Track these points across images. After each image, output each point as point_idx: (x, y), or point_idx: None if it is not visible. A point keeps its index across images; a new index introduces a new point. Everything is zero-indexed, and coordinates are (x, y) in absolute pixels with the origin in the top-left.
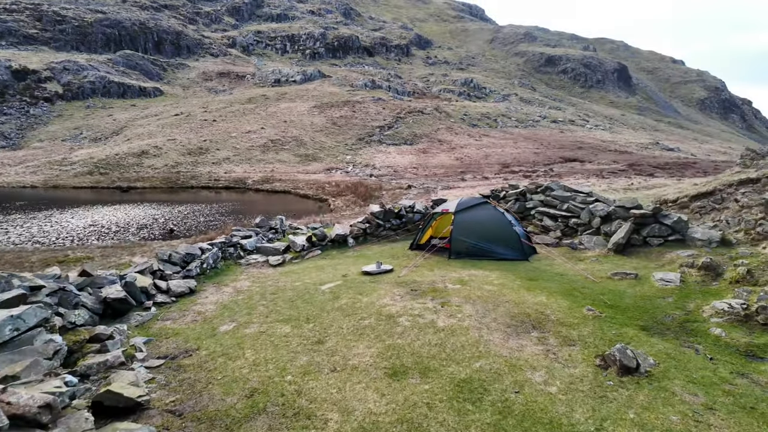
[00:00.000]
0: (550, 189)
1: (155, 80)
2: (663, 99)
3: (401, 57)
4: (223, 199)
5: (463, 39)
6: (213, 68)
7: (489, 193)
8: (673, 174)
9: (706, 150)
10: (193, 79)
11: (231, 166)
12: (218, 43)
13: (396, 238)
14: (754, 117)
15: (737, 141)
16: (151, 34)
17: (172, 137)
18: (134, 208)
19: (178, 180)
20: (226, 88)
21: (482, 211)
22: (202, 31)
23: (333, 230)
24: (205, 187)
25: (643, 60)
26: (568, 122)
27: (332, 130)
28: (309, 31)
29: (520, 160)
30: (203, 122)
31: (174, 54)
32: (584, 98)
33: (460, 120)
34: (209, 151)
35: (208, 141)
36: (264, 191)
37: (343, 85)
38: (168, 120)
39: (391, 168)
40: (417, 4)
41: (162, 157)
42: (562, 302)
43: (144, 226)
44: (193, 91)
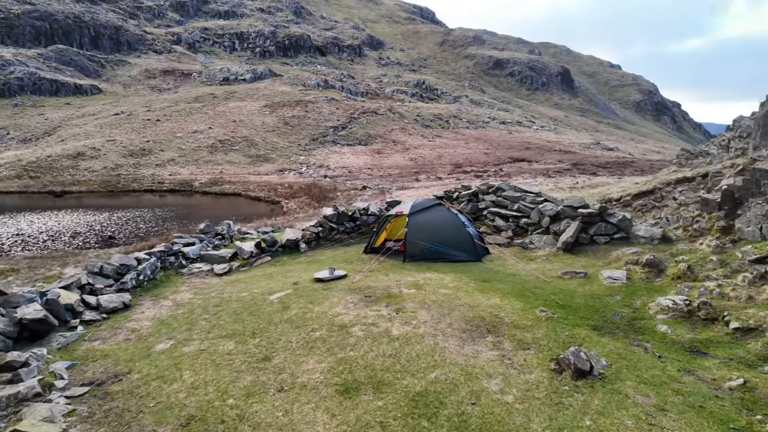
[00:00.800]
0: (501, 189)
1: (93, 77)
2: (603, 101)
3: (354, 57)
4: (168, 203)
5: (415, 41)
6: (157, 66)
7: (442, 194)
8: (614, 173)
9: (642, 149)
10: (135, 77)
11: (176, 168)
12: (162, 40)
13: (350, 241)
14: (683, 119)
15: (669, 141)
16: (87, 29)
17: (112, 138)
18: (68, 215)
19: (118, 183)
20: (171, 86)
21: (436, 213)
22: (144, 27)
23: (284, 235)
24: (149, 191)
25: (584, 64)
26: (516, 123)
27: (284, 130)
28: (259, 29)
29: (471, 161)
30: (146, 122)
31: (113, 50)
32: (530, 100)
33: (414, 121)
34: (153, 153)
35: (151, 142)
36: (212, 194)
37: (295, 84)
38: (107, 120)
39: (345, 168)
40: (368, 5)
41: (100, 159)
42: (516, 304)
43: (78, 234)
44: (135, 89)
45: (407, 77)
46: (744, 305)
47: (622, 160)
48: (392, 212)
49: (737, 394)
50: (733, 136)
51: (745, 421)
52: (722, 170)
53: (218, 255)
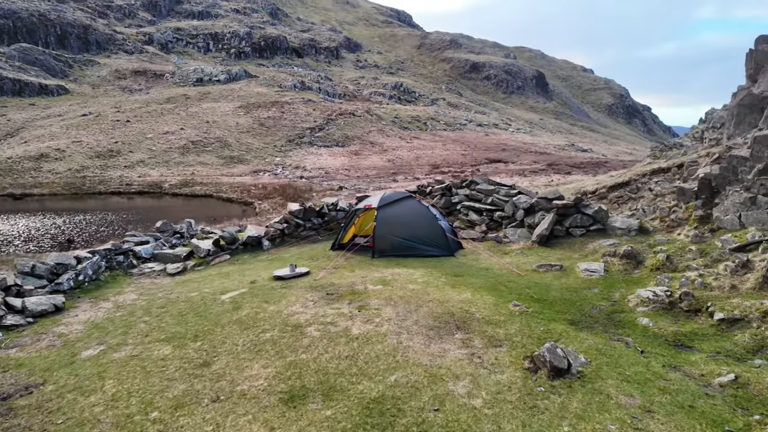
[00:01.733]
0: (474, 183)
1: (59, 77)
2: (576, 105)
3: (331, 59)
4: (135, 206)
5: (392, 44)
6: (127, 66)
7: (415, 188)
8: (588, 172)
9: (615, 151)
10: (105, 77)
11: (146, 170)
12: (133, 40)
13: (317, 238)
14: (653, 122)
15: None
16: (53, 27)
17: (78, 139)
18: (25, 218)
19: (83, 186)
20: (143, 87)
21: (406, 207)
22: (114, 26)
23: (246, 232)
24: (116, 193)
25: (557, 68)
26: (493, 126)
27: (260, 131)
28: (234, 29)
29: (449, 161)
30: (115, 123)
31: (81, 50)
32: (506, 103)
33: (392, 123)
34: (121, 154)
35: (120, 143)
36: (183, 195)
37: (271, 85)
38: (74, 120)
39: (322, 170)
40: (345, 8)
41: (65, 160)
42: (488, 298)
43: (33, 238)
44: (104, 89)
45: (385, 80)
46: (727, 295)
47: (596, 160)
48: (360, 206)
49: (729, 391)
50: (706, 128)
51: (742, 422)
52: (698, 159)
53: (172, 254)
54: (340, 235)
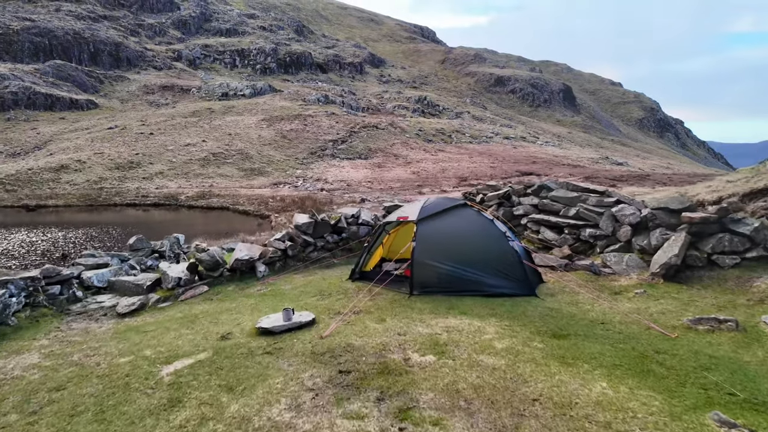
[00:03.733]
0: (546, 188)
1: (90, 93)
2: (605, 118)
3: (355, 74)
4: (146, 219)
5: (416, 59)
6: (155, 81)
7: (460, 197)
8: (634, 184)
9: (651, 165)
10: (133, 92)
11: (164, 181)
12: (162, 56)
13: (332, 261)
14: (687, 136)
15: (674, 158)
16: (87, 45)
17: (100, 151)
18: (26, 231)
19: (99, 197)
20: (169, 101)
21: (460, 220)
22: (144, 44)
23: (233, 254)
24: (131, 205)
25: (585, 82)
26: (520, 139)
27: (282, 143)
28: (260, 46)
29: (477, 174)
30: (139, 135)
31: (113, 66)
32: (533, 117)
33: (416, 135)
34: (141, 166)
35: (140, 154)
36: (198, 208)
37: (295, 99)
38: (100, 133)
39: (344, 182)
40: (370, 25)
41: (84, 171)
42: (646, 395)
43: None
44: (132, 104)
45: (408, 93)
46: None
47: (637, 173)
48: (391, 219)
49: None
50: None
51: None
52: None
53: (133, 283)
54: (363, 259)
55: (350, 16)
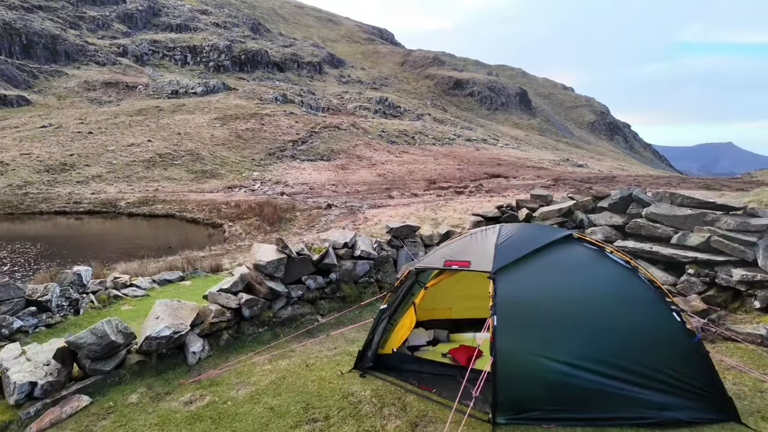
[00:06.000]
0: (637, 202)
1: (22, 88)
2: (559, 121)
3: (314, 74)
4: (76, 230)
5: (375, 60)
6: (98, 77)
7: (495, 212)
8: (606, 187)
9: (608, 166)
10: (72, 89)
11: (102, 185)
12: (106, 51)
13: (317, 321)
14: (634, 139)
15: (625, 159)
16: (19, 37)
17: (28, 151)
18: None
19: (22, 204)
20: (113, 99)
21: (568, 265)
22: (86, 37)
23: (146, 326)
24: (61, 212)
25: (539, 86)
26: (481, 141)
27: (237, 143)
28: (213, 42)
29: (445, 176)
30: (75, 135)
31: (49, 60)
32: (491, 120)
33: (378, 136)
34: (75, 168)
35: (75, 155)
36: (140, 216)
37: (251, 98)
38: (30, 132)
39: (306, 185)
40: (328, 25)
41: (6, 175)
42: None
43: None
44: (70, 101)
45: (369, 94)
46: None
47: (603, 175)
48: (431, 263)
49: None
50: None
51: None
52: None
53: None
54: (379, 331)
55: (308, 16)
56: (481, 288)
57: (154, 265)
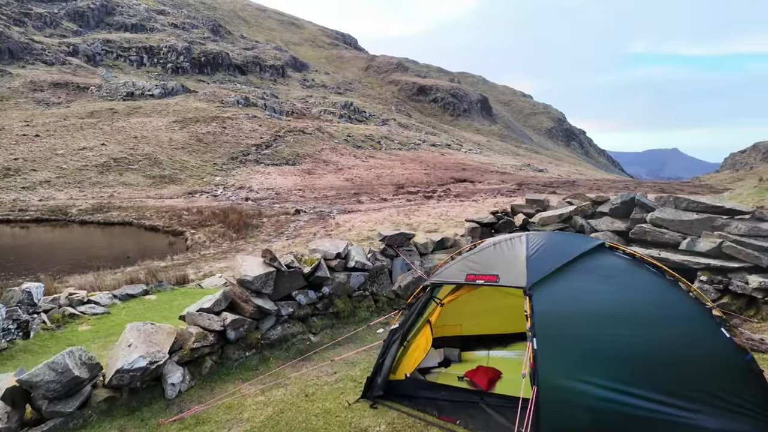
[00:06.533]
0: (640, 206)
1: None
2: (519, 128)
3: (277, 78)
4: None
5: (339, 65)
6: (45, 77)
7: (490, 218)
8: (570, 191)
9: (566, 171)
10: (16, 89)
11: (51, 192)
12: (54, 50)
13: (310, 340)
14: (589, 144)
15: (581, 164)
16: None
17: None
18: None
19: None
20: (62, 100)
21: (605, 277)
22: (32, 35)
23: (118, 351)
24: (4, 221)
25: (499, 93)
26: (446, 146)
27: (197, 147)
28: (171, 44)
29: (413, 181)
30: (20, 138)
31: None
32: (454, 126)
33: (344, 141)
34: (21, 173)
35: (21, 160)
36: (94, 223)
37: (212, 101)
38: None
39: (271, 190)
40: (291, 29)
41: None
42: None
43: None
44: (14, 102)
45: (334, 99)
46: None
47: (564, 180)
48: (448, 277)
49: None
50: None
51: None
52: None
53: None
54: (390, 354)
55: (270, 19)
56: (493, 302)
57: (112, 277)
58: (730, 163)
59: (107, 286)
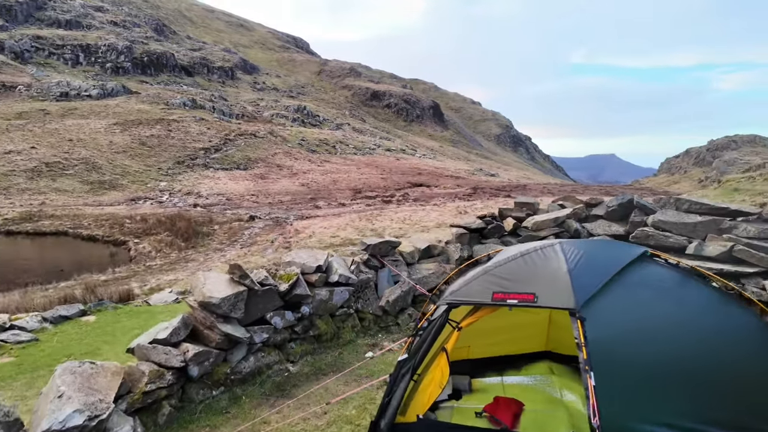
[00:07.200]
0: (640, 209)
1: None
2: (469, 134)
3: (226, 80)
4: None
5: (291, 68)
6: None
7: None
8: (522, 194)
9: (515, 176)
10: None
11: None
12: None
13: (288, 371)
14: (535, 150)
15: (528, 170)
16: None
17: None
18: None
19: None
20: None
21: (657, 291)
22: None
23: (44, 405)
24: None
25: (450, 100)
26: (400, 151)
27: (140, 151)
28: (111, 42)
29: (370, 185)
30: None
31: None
32: (407, 131)
33: (298, 145)
34: None
35: None
36: (23, 234)
37: (156, 102)
38: None
39: (222, 196)
40: (240, 31)
41: None
42: None
43: None
44: None
45: (286, 102)
46: None
47: (515, 184)
48: (468, 296)
49: None
50: None
51: None
52: None
53: None
54: (398, 392)
55: (218, 20)
56: (504, 319)
57: (43, 295)
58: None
59: (36, 305)
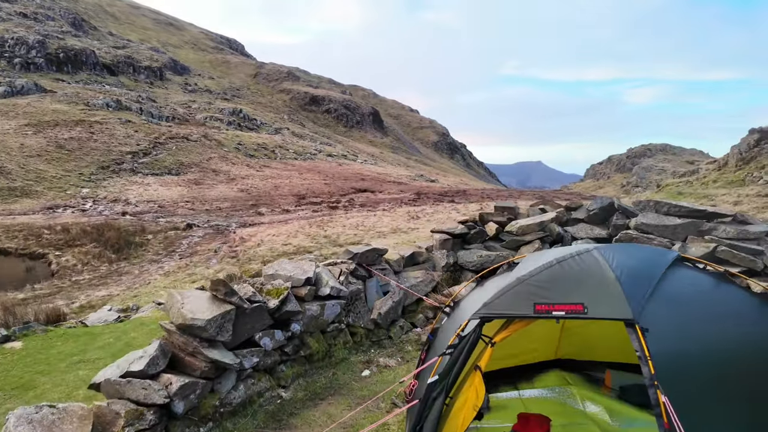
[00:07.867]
0: (622, 212)
1: None
2: (408, 140)
3: (154, 80)
4: None
5: (225, 70)
6: None
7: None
8: (468, 200)
9: (454, 181)
10: None
11: None
12: None
13: (281, 397)
14: (470, 157)
15: (464, 175)
16: None
17: None
18: None
19: None
20: None
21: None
22: None
23: None
24: None
25: (388, 107)
26: (342, 156)
27: (58, 155)
28: (20, 35)
29: (314, 191)
30: None
31: None
32: (348, 137)
33: (235, 149)
34: None
35: None
36: None
37: (75, 102)
38: None
39: (153, 203)
40: (169, 29)
41: None
42: None
43: None
44: None
45: (221, 105)
46: None
47: (455, 189)
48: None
49: None
50: None
51: None
52: None
53: None
54: (436, 416)
55: (144, 17)
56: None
57: None
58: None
59: None
